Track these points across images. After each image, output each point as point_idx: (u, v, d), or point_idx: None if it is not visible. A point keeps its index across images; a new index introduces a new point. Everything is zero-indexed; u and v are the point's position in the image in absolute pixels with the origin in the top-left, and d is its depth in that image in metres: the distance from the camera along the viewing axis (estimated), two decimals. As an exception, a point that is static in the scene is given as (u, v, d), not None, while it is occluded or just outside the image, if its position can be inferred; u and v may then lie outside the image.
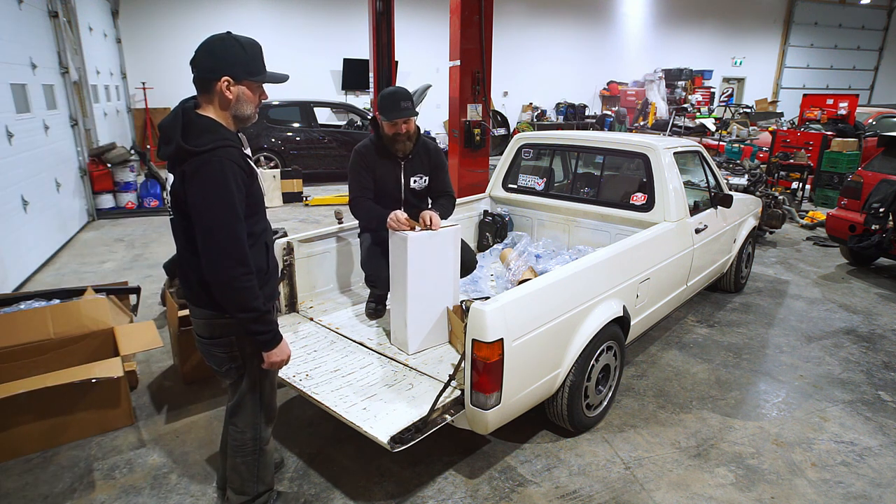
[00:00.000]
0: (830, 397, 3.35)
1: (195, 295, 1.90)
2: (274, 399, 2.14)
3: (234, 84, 1.76)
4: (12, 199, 4.95)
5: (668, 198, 3.58)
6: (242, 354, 1.96)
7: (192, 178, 1.69)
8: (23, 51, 5.61)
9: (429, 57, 13.32)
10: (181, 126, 1.72)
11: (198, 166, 1.69)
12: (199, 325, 1.96)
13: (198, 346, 2.02)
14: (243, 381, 2.01)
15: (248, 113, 1.84)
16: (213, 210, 1.69)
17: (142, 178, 8.16)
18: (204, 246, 1.72)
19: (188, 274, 1.90)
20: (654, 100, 15.14)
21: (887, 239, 5.04)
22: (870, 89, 23.11)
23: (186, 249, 1.85)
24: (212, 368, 2.02)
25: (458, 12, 5.64)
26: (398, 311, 2.81)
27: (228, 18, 12.15)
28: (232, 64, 1.74)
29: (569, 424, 2.81)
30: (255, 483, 2.15)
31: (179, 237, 1.87)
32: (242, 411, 2.06)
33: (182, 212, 1.77)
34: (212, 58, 1.74)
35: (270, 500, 2.27)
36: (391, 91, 2.98)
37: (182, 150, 1.69)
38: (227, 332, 1.91)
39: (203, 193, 1.69)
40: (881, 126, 10.30)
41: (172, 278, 4.09)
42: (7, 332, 2.88)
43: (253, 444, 2.09)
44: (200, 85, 1.77)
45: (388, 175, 3.13)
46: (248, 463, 2.11)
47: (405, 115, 2.94)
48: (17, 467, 2.63)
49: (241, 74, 1.76)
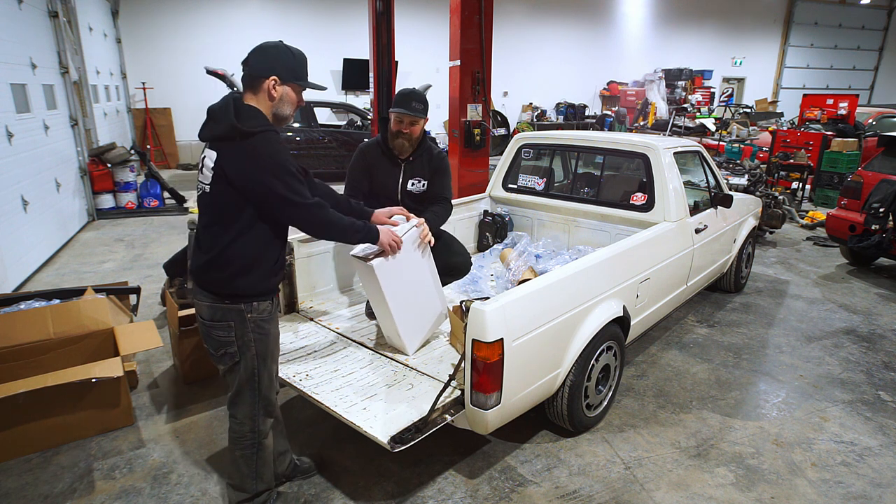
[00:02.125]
0: (830, 397, 3.35)
1: (201, 275, 2.00)
2: (272, 392, 2.16)
3: (279, 84, 1.92)
4: (12, 199, 4.95)
5: (668, 198, 3.58)
6: (239, 341, 2.01)
7: (254, 155, 1.84)
8: (23, 51, 5.61)
9: (429, 57, 13.32)
10: (233, 110, 1.86)
11: (257, 144, 1.85)
12: (201, 307, 2.03)
13: (199, 329, 2.11)
14: (240, 370, 2.05)
15: (287, 113, 1.99)
16: (279, 178, 1.87)
17: (142, 178, 8.16)
18: (281, 213, 1.94)
19: (198, 253, 2.01)
20: (654, 100, 15.13)
21: (887, 239, 5.04)
22: (870, 89, 23.11)
23: (213, 222, 1.95)
24: (208, 353, 2.09)
25: (458, 12, 5.64)
26: (387, 322, 2.74)
27: (229, 18, 12.16)
28: (281, 66, 1.92)
29: (569, 424, 2.81)
30: (254, 480, 2.17)
31: (208, 211, 1.96)
32: (241, 402, 2.09)
33: (223, 185, 1.88)
34: (264, 58, 1.92)
35: (270, 500, 2.28)
36: (410, 90, 3.00)
37: (235, 129, 1.83)
38: (227, 316, 1.99)
39: (268, 166, 1.85)
40: (881, 126, 10.30)
41: (172, 278, 4.09)
42: (7, 332, 2.88)
43: (251, 437, 2.12)
44: (249, 81, 1.93)
45: (386, 175, 3.12)
46: (247, 457, 2.14)
47: (410, 112, 2.93)
48: (17, 467, 2.63)
49: (287, 77, 1.93)
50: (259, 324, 2.03)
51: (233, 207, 1.91)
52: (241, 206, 1.91)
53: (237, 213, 1.91)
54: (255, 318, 2.02)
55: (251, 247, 1.96)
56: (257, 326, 2.03)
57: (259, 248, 1.98)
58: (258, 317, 2.02)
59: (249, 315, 2.00)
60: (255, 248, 1.97)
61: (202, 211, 2.00)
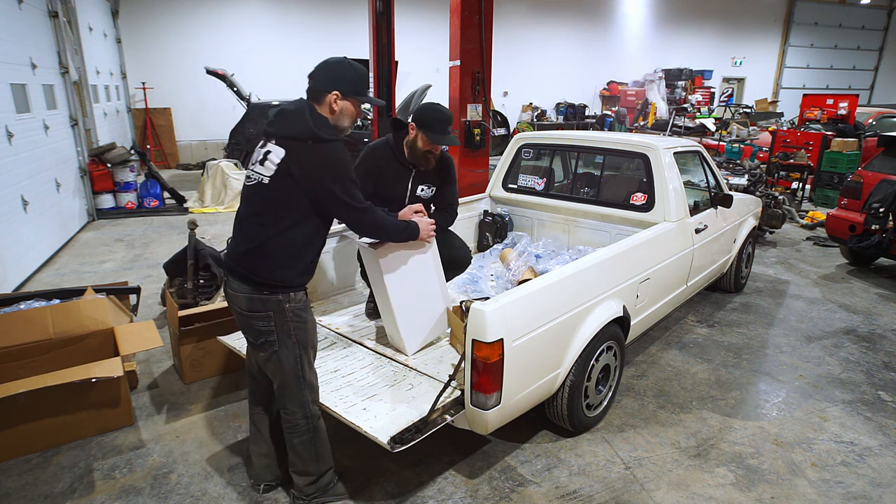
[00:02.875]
0: (830, 397, 3.35)
1: (241, 261, 2.07)
2: (315, 377, 2.25)
3: (341, 98, 2.07)
4: (12, 199, 4.95)
5: (668, 198, 3.58)
6: (279, 329, 2.09)
7: (324, 160, 2.00)
8: (23, 51, 5.61)
9: (429, 57, 13.32)
10: (309, 116, 2.01)
11: (327, 151, 2.00)
12: (238, 299, 2.10)
13: (237, 320, 2.19)
14: (283, 360, 2.12)
15: (345, 125, 2.14)
16: (342, 184, 2.03)
17: (142, 178, 8.16)
18: (338, 212, 2.10)
19: (240, 241, 2.09)
20: (654, 100, 15.13)
21: (887, 239, 5.04)
22: (870, 89, 23.11)
23: (262, 212, 2.04)
24: (248, 341, 2.19)
25: (458, 12, 5.64)
26: (388, 318, 2.78)
27: (229, 19, 12.16)
28: (343, 81, 2.07)
29: (569, 424, 2.81)
30: (316, 462, 2.26)
31: (259, 201, 2.05)
32: (288, 393, 2.17)
33: (286, 180, 1.99)
34: (328, 74, 2.07)
35: (334, 480, 2.36)
36: (443, 114, 2.84)
37: (311, 133, 1.98)
38: (266, 307, 2.07)
39: (334, 172, 2.01)
40: (881, 126, 10.30)
41: (172, 278, 4.09)
42: (7, 332, 2.88)
43: (306, 423, 2.20)
44: (314, 94, 2.08)
45: (396, 180, 3.03)
46: (305, 443, 2.22)
47: (450, 142, 2.86)
48: (17, 467, 2.63)
49: (348, 91, 2.08)
50: (297, 312, 2.12)
51: (287, 202, 2.02)
52: (296, 202, 2.02)
53: (290, 208, 2.02)
54: (293, 307, 2.10)
55: (295, 241, 2.06)
56: (295, 315, 2.11)
57: (302, 244, 2.08)
58: (296, 306, 2.11)
59: (288, 305, 2.09)
60: (298, 243, 2.07)
61: (250, 200, 2.09)
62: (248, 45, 12.31)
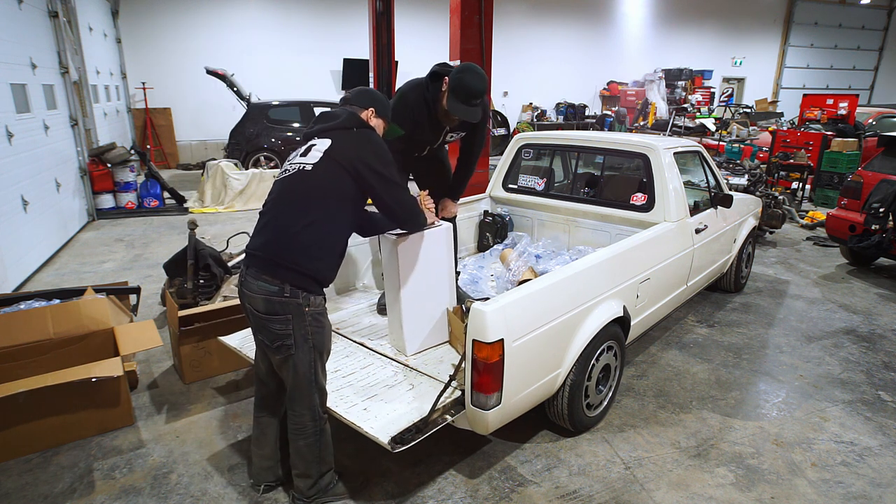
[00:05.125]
0: (830, 397, 3.35)
1: (266, 255, 2.09)
2: (325, 381, 2.27)
3: (374, 116, 2.35)
4: (12, 199, 4.95)
5: (668, 198, 3.58)
6: (296, 333, 2.10)
7: (368, 142, 2.21)
8: (23, 51, 5.61)
9: (429, 57, 13.23)
10: (357, 121, 2.26)
11: (371, 135, 2.25)
12: (256, 300, 2.11)
13: (252, 321, 2.20)
14: (298, 364, 2.13)
15: None
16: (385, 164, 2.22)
17: (142, 178, 8.16)
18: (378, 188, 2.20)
19: (265, 232, 2.13)
20: (654, 100, 15.13)
21: (887, 239, 5.04)
22: (870, 89, 23.11)
23: (295, 200, 2.11)
24: (262, 343, 2.20)
25: (458, 12, 5.64)
26: (394, 313, 2.79)
27: (229, 19, 12.16)
28: (378, 103, 2.37)
29: (569, 424, 2.81)
30: (317, 464, 2.27)
31: (294, 190, 2.14)
32: (299, 396, 2.18)
33: (330, 165, 2.12)
34: (365, 96, 2.37)
35: (334, 481, 2.36)
36: (473, 84, 2.68)
37: (356, 121, 2.25)
38: (286, 310, 2.08)
39: (377, 152, 2.21)
40: (881, 126, 10.30)
41: (172, 278, 4.09)
42: (7, 332, 2.88)
43: (313, 426, 2.21)
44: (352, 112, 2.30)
45: (429, 131, 2.95)
46: (310, 444, 2.23)
47: (465, 115, 2.73)
48: (17, 467, 2.63)
49: (381, 112, 2.38)
50: (316, 317, 2.13)
51: (328, 187, 2.11)
52: (333, 191, 2.11)
53: (325, 196, 2.11)
54: (313, 311, 2.12)
55: (330, 233, 2.13)
56: (314, 320, 2.13)
57: (331, 237, 2.14)
58: (315, 310, 2.13)
59: (307, 309, 2.09)
60: (332, 235, 2.14)
61: (287, 189, 2.16)
62: (248, 45, 12.31)
